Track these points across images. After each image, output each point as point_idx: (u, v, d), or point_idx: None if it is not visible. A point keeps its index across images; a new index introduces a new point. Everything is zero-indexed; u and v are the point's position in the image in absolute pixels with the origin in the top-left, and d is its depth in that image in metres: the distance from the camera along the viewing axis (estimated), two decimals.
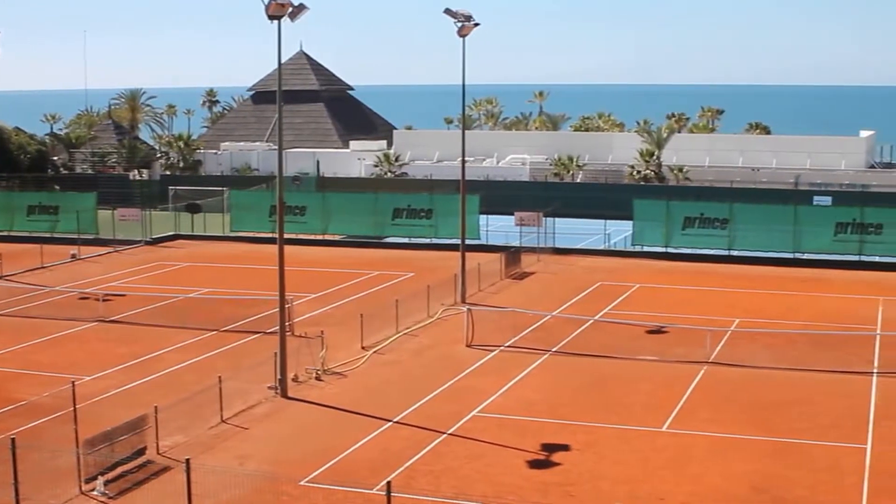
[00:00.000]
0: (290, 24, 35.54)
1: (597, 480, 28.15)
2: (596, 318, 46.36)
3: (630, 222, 65.45)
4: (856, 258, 60.57)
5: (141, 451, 29.51)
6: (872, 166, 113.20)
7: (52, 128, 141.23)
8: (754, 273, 58.50)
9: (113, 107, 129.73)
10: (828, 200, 77.53)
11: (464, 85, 50.21)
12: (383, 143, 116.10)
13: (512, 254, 58.63)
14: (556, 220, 65.92)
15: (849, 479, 28.40)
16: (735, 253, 62.41)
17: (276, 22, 34.78)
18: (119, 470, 28.49)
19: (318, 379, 37.68)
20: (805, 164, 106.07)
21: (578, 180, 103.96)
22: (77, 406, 30.74)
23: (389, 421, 33.02)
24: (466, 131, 64.16)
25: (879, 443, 31.24)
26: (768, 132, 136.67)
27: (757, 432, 32.12)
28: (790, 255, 61.46)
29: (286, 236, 39.49)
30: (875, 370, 39.02)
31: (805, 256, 61.33)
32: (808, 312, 48.45)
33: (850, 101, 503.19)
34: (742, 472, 28.81)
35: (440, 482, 27.98)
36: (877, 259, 60.59)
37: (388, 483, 23.92)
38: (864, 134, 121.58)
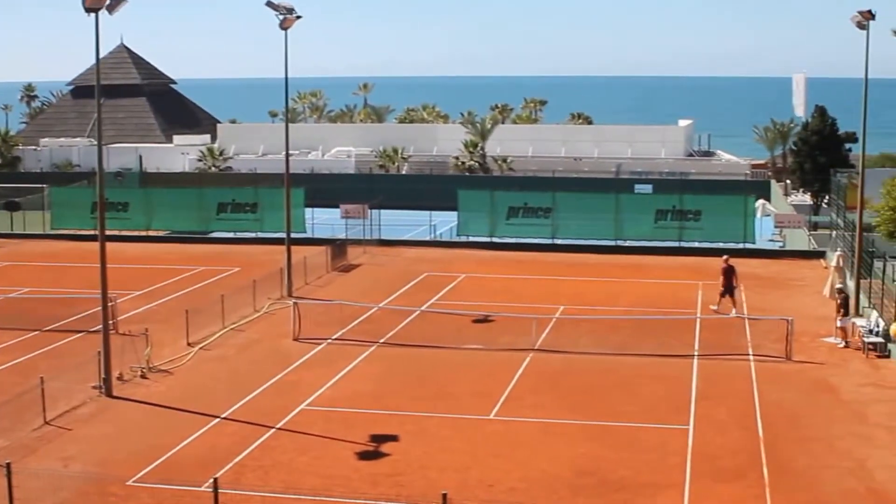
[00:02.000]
0: (111, 17, 34.87)
1: (426, 469, 28.37)
2: (422, 308, 46.65)
3: (455, 213, 65.98)
4: (675, 244, 62.04)
5: None
6: (691, 154, 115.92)
7: None
8: (578, 261, 59.47)
9: None
10: (648, 188, 79.32)
11: (286, 78, 50.01)
12: (207, 137, 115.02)
13: (338, 246, 58.63)
14: (382, 211, 66.21)
15: (672, 460, 29.12)
16: (559, 241, 63.40)
17: (93, 14, 34.10)
18: None
19: (143, 377, 37.20)
20: (626, 153, 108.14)
21: (404, 172, 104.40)
22: None
23: (217, 417, 32.78)
24: (291, 124, 64.01)
25: (701, 423, 32.11)
26: (590, 122, 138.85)
27: (582, 416, 32.74)
28: (612, 243, 62.65)
29: (109, 233, 38.95)
30: (696, 353, 40.05)
31: (627, 243, 62.62)
32: (631, 298, 49.50)
33: (669, 92, 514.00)
34: (568, 456, 29.33)
35: (269, 477, 27.90)
36: (696, 245, 62.14)
37: (216, 480, 23.82)
38: (683, 123, 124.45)
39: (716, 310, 46.61)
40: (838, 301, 41.07)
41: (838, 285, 41.88)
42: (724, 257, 47.90)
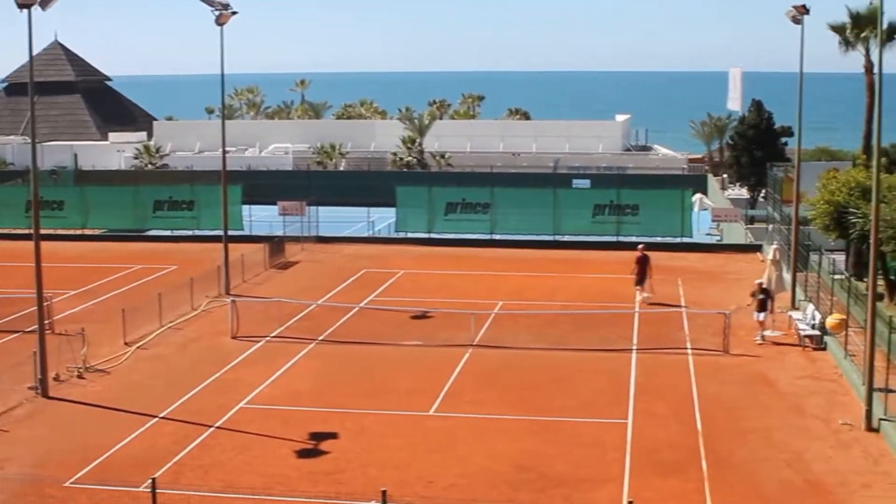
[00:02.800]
0: (44, 14, 34.50)
1: (365, 467, 28.29)
2: (361, 305, 46.58)
3: (393, 209, 65.89)
4: (613, 239, 62.23)
5: None
6: (628, 149, 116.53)
7: None
8: (516, 256, 59.57)
9: None
10: (586, 183, 79.64)
11: (223, 74, 49.72)
12: (143, 134, 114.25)
13: (276, 244, 58.36)
14: (320, 208, 65.94)
15: (611, 454, 29.22)
16: (497, 237, 63.46)
17: (26, 10, 33.70)
18: None
19: (80, 377, 36.83)
20: (564, 148, 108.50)
21: (341, 168, 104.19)
22: None
23: (155, 417, 32.52)
24: (228, 121, 63.72)
25: (640, 417, 32.24)
26: (528, 117, 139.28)
27: (521, 412, 32.79)
28: (550, 238, 62.79)
29: (44, 232, 38.53)
30: (634, 347, 40.23)
31: (565, 238, 62.77)
32: (569, 293, 49.65)
33: (606, 87, 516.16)
34: (507, 452, 29.35)
35: (208, 476, 27.72)
36: (633, 239, 62.30)
37: (153, 480, 23.62)
38: (620, 118, 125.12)
39: (647, 298, 47.69)
40: (758, 297, 40.96)
41: (758, 280, 41.86)
42: (640, 246, 49.33)
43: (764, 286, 41.39)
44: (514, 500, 26.08)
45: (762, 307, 40.90)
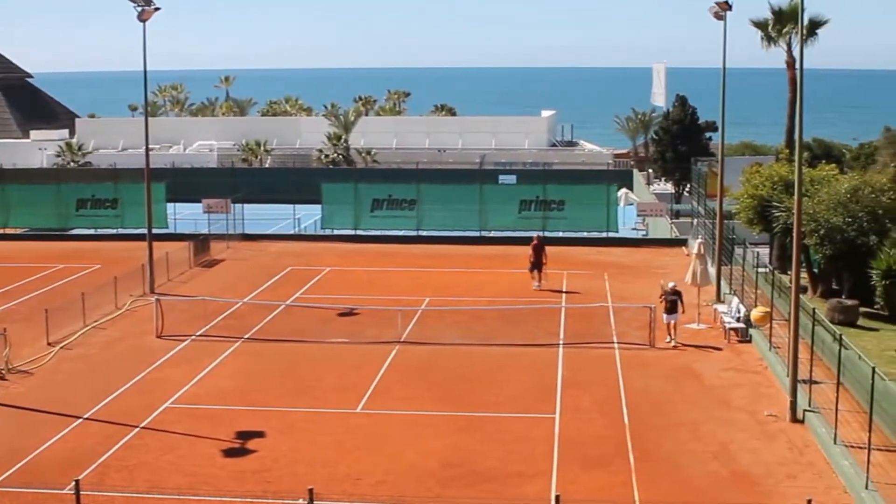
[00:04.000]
0: None
1: (293, 465, 28.15)
2: (287, 302, 46.33)
3: (319, 206, 65.64)
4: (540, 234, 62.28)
5: None
6: (554, 145, 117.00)
7: None
8: (442, 252, 59.59)
9: None
10: (512, 179, 79.86)
11: (145, 71, 49.22)
12: (65, 132, 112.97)
13: (201, 241, 57.91)
14: (245, 206, 65.56)
15: (539, 449, 29.27)
16: (423, 233, 63.40)
17: None
18: None
19: (2, 378, 36.30)
20: (490, 144, 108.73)
21: (267, 165, 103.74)
22: None
23: (79, 418, 32.13)
24: (152, 118, 63.17)
25: (567, 411, 32.34)
26: (454, 114, 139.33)
27: (449, 408, 32.76)
28: (477, 234, 62.84)
29: None
30: (561, 342, 40.33)
31: (491, 234, 62.86)
32: (496, 288, 49.73)
33: (531, 83, 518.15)
34: (435, 448, 29.33)
35: (134, 477, 27.43)
36: (559, 234, 62.61)
37: (77, 482, 23.30)
38: (546, 113, 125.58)
39: (538, 287, 49.15)
40: (668, 299, 40.31)
41: (671, 284, 41.22)
42: (536, 234, 51.50)
43: (676, 288, 40.85)
44: (443, 496, 26.04)
45: (672, 309, 40.22)
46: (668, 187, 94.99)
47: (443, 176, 79.10)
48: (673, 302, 40.21)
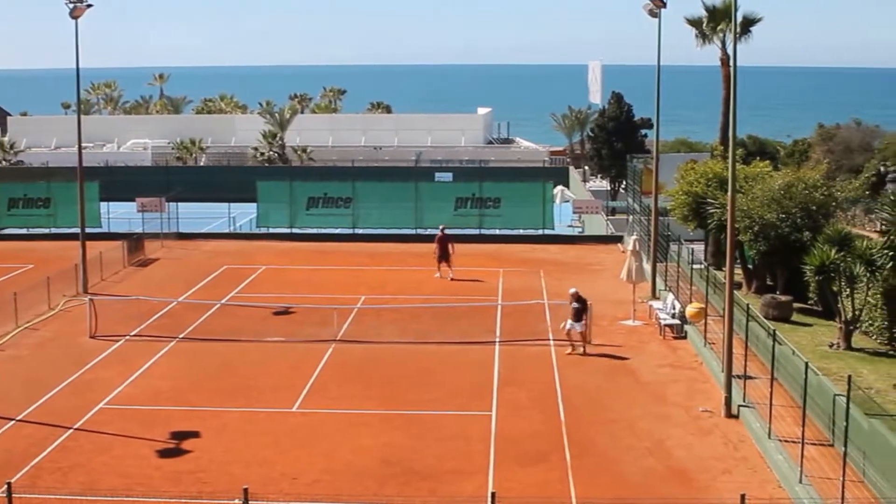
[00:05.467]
0: None
1: (229, 465, 27.96)
2: (222, 302, 46.06)
3: (254, 205, 65.38)
4: (476, 232, 62.46)
5: None
6: (490, 142, 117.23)
7: None
8: (378, 250, 59.54)
9: None
10: (448, 176, 79.89)
11: (77, 68, 48.75)
12: None
13: (135, 241, 57.46)
14: (180, 204, 65.15)
15: (476, 446, 29.25)
16: (359, 231, 63.34)
17: None
18: None
19: None
20: (426, 141, 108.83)
21: (201, 164, 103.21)
22: None
23: (12, 419, 31.71)
24: (85, 116, 62.63)
25: (503, 409, 32.36)
26: (390, 111, 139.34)
27: (385, 406, 32.68)
28: (413, 232, 62.77)
29: None
30: (497, 339, 40.38)
31: (427, 232, 62.78)
32: (432, 286, 49.73)
33: (467, 81, 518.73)
34: (372, 446, 29.24)
35: (68, 478, 27.14)
36: (496, 232, 62.73)
37: (9, 484, 23.01)
38: (482, 111, 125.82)
39: (438, 277, 50.53)
40: (573, 307, 39.08)
41: (572, 290, 39.93)
42: (441, 227, 52.45)
43: (579, 294, 39.53)
44: (380, 495, 25.97)
45: (577, 317, 38.98)
46: (603, 184, 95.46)
47: (378, 174, 79.10)
48: (576, 310, 38.95)
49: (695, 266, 44.12)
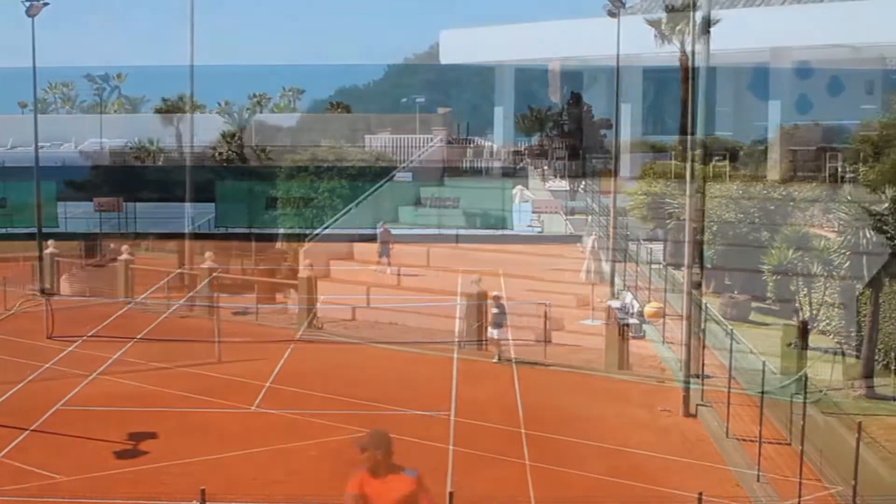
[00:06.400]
0: None
1: (188, 466, 27.81)
2: (181, 302, 46.13)
3: (213, 205, 65.11)
4: (436, 232, 62.14)
5: None
6: (450, 142, 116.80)
7: None
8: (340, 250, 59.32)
9: None
10: (408, 176, 79.49)
11: (34, 67, 48.55)
12: None
13: (92, 241, 57.12)
14: (138, 204, 64.82)
15: (434, 446, 29.14)
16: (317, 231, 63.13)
17: None
18: None
19: None
20: (387, 141, 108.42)
21: (160, 164, 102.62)
22: None
23: None
24: (42, 115, 62.19)
25: (462, 409, 32.14)
26: (349, 111, 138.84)
27: (344, 406, 32.54)
28: (372, 231, 62.43)
29: None
30: (455, 339, 40.43)
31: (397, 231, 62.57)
32: (391, 286, 49.63)
33: (432, 78, 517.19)
34: (332, 447, 29.17)
35: (25, 480, 26.95)
36: (455, 232, 62.55)
37: None
38: (442, 110, 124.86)
39: (381, 270, 51.00)
40: (492, 311, 39.34)
41: (495, 293, 40.15)
42: (382, 223, 54.46)
43: (500, 300, 39.56)
44: (340, 495, 25.87)
45: (497, 323, 38.93)
46: (563, 184, 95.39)
47: (339, 173, 78.72)
48: (495, 315, 38.76)
49: (653, 266, 44.29)
